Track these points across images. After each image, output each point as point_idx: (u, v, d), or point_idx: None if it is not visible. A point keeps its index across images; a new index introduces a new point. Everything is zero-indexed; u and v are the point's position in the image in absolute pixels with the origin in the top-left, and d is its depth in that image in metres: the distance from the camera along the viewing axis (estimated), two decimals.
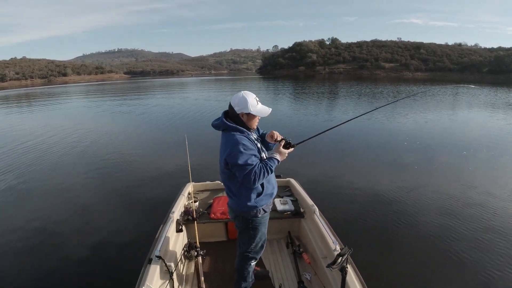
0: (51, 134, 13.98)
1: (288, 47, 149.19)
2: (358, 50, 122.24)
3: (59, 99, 36.99)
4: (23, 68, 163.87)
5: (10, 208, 6.58)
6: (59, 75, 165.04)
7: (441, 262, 4.39)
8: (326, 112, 19.11)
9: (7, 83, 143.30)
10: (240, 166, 2.41)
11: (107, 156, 10.06)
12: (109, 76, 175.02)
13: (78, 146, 11.47)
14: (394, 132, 12.98)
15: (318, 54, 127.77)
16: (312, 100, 26.09)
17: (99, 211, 6.19)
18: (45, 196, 7.07)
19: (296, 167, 7.72)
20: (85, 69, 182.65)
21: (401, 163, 8.85)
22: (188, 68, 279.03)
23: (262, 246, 2.98)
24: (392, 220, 5.60)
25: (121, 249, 4.81)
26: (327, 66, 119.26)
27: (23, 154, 10.53)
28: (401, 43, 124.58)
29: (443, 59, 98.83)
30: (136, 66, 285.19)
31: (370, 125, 14.33)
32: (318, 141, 9.99)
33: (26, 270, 4.43)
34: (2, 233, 5.40)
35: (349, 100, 26.03)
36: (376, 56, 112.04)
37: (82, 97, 38.77)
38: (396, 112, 17.76)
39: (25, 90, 68.24)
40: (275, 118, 16.09)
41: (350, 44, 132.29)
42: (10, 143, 12.45)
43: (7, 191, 7.40)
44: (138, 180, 7.79)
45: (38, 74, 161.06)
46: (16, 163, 9.50)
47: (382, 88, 39.27)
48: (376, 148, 10.41)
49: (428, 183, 7.24)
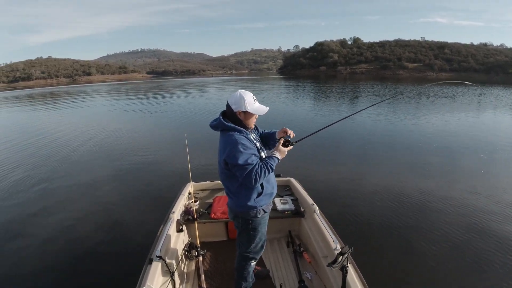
0: (54, 132, 14.66)
1: (309, 47, 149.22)
2: (380, 49, 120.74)
3: (81, 98, 38.24)
4: (48, 67, 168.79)
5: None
6: (84, 75, 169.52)
7: (441, 261, 4.35)
8: (338, 112, 18.82)
9: (33, 82, 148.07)
10: (240, 166, 2.39)
11: (108, 156, 10.19)
12: (132, 75, 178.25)
13: (85, 145, 11.76)
14: (404, 132, 12.83)
15: (339, 54, 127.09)
16: (327, 100, 25.97)
17: (99, 211, 6.18)
18: (44, 195, 7.11)
19: (296, 166, 7.72)
20: (108, 68, 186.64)
21: (404, 162, 8.81)
22: (209, 68, 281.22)
23: (262, 246, 2.96)
24: (392, 219, 5.57)
25: (121, 249, 4.81)
26: (349, 66, 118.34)
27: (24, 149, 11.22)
28: (424, 42, 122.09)
29: (468, 59, 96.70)
30: (159, 66, 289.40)
31: (374, 124, 14.23)
32: (318, 141, 10.16)
33: (26, 270, 4.43)
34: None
35: (364, 100, 25.67)
36: (399, 56, 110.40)
37: (104, 96, 39.67)
38: (409, 112, 17.55)
39: (50, 89, 70.22)
40: (285, 116, 16.45)
41: (373, 44, 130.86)
42: (29, 138, 13.30)
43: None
44: (139, 180, 7.82)
45: (63, 74, 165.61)
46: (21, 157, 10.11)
47: (402, 88, 38.66)
48: (378, 148, 10.37)
49: (431, 184, 7.15)
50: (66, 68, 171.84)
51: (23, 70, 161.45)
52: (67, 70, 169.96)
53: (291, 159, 2.71)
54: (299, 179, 4.83)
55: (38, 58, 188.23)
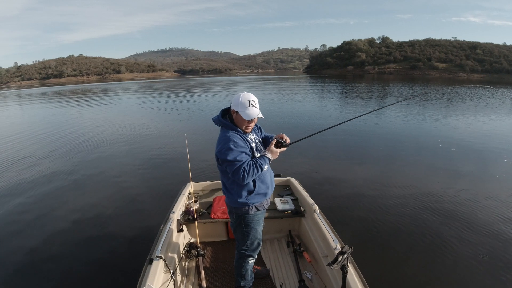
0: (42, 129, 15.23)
1: (337, 46, 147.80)
2: (410, 49, 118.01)
3: (108, 95, 39.28)
4: (80, 65, 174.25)
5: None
6: (114, 73, 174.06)
7: (441, 260, 4.33)
8: (345, 113, 18.22)
9: (64, 79, 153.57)
10: (229, 162, 2.48)
11: (108, 155, 10.26)
12: (160, 74, 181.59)
13: (85, 143, 12.09)
14: (407, 132, 12.65)
15: (367, 53, 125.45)
16: (345, 100, 25.54)
17: (99, 211, 6.13)
18: (46, 192, 7.18)
19: (296, 166, 7.69)
20: (138, 67, 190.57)
21: (405, 162, 8.77)
22: (235, 67, 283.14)
23: (259, 244, 2.99)
24: (392, 218, 5.54)
25: (122, 248, 4.81)
26: (377, 66, 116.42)
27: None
28: (456, 42, 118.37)
29: (500, 60, 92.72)
30: (186, 64, 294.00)
31: (375, 125, 14.06)
32: (318, 141, 10.17)
33: (26, 268, 4.44)
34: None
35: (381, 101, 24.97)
36: (429, 56, 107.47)
37: (129, 95, 40.49)
38: (424, 113, 17.09)
39: (81, 86, 72.31)
40: (295, 115, 16.61)
41: (402, 43, 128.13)
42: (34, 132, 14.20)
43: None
44: (139, 180, 7.83)
45: (94, 71, 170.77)
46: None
47: (427, 89, 37.54)
48: (380, 147, 10.31)
49: (430, 183, 7.11)
50: (96, 66, 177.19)
51: (55, 68, 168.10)
52: (98, 68, 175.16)
53: (290, 158, 2.73)
54: (299, 179, 4.84)
55: (70, 56, 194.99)
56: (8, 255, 4.80)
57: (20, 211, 6.25)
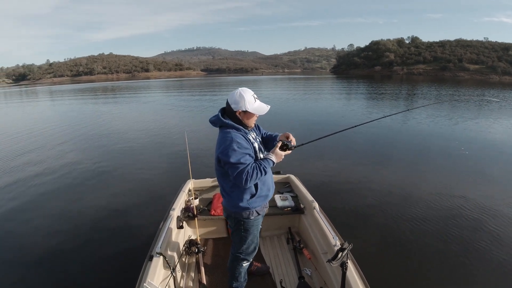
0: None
1: (365, 46, 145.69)
2: (440, 49, 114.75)
3: (134, 93, 40.29)
4: (109, 63, 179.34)
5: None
6: (142, 71, 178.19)
7: (441, 258, 4.33)
8: (362, 115, 17.39)
9: (95, 76, 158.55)
10: (232, 165, 2.36)
11: (108, 153, 10.31)
12: (187, 72, 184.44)
13: (86, 140, 12.32)
14: (405, 133, 12.55)
15: (396, 54, 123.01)
16: (367, 101, 24.95)
17: (98, 209, 6.15)
18: (39, 191, 7.17)
19: (296, 163, 7.66)
20: (165, 65, 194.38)
21: (402, 161, 8.85)
22: (261, 66, 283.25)
23: (255, 248, 2.95)
24: (392, 215, 5.56)
25: (122, 245, 4.82)
26: (405, 67, 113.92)
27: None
28: (488, 43, 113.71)
29: None
30: (213, 63, 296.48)
31: (378, 125, 13.55)
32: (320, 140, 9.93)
33: (25, 267, 4.45)
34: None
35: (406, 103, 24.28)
36: (459, 57, 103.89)
37: (156, 93, 41.40)
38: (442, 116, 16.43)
39: (111, 83, 74.21)
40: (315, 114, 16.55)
41: (432, 43, 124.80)
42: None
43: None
44: (139, 177, 7.87)
45: (123, 69, 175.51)
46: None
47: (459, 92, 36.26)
48: (378, 147, 10.31)
49: (430, 181, 7.19)
50: (126, 64, 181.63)
51: (85, 65, 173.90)
52: (127, 66, 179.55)
53: (290, 156, 2.67)
54: (298, 175, 4.84)
55: (100, 54, 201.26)
56: (5, 252, 4.89)
57: (15, 211, 6.29)
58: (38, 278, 4.21)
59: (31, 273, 4.31)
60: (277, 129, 3.03)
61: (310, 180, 6.45)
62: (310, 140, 2.77)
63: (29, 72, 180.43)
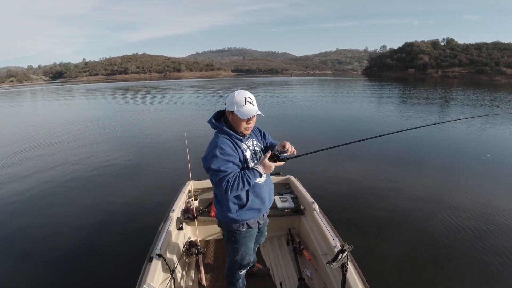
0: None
1: (398, 48, 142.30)
2: (476, 52, 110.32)
3: (166, 92, 41.35)
4: (143, 63, 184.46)
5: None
6: (174, 71, 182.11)
7: (441, 258, 4.36)
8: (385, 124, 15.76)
9: (128, 75, 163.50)
10: (213, 171, 2.25)
11: (108, 154, 10.37)
12: (217, 73, 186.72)
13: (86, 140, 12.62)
14: (402, 135, 11.86)
15: (430, 56, 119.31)
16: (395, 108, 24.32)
17: (98, 210, 6.19)
18: (39, 195, 7.11)
19: (296, 164, 7.51)
20: (197, 66, 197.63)
21: (400, 163, 8.82)
22: (292, 67, 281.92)
23: (249, 260, 2.84)
24: (392, 216, 5.57)
25: (121, 247, 4.84)
26: (440, 69, 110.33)
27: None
28: None
29: None
30: (243, 64, 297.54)
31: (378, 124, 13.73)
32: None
33: (26, 266, 4.50)
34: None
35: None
36: (497, 60, 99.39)
37: (189, 92, 42.51)
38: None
39: (144, 83, 76.06)
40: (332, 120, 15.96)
41: (468, 46, 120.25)
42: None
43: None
44: (139, 178, 7.91)
45: (156, 69, 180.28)
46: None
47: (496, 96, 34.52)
48: (378, 147, 10.21)
49: (430, 183, 7.18)
50: (158, 64, 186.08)
51: (120, 65, 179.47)
52: (159, 66, 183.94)
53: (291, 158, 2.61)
54: (298, 177, 4.83)
55: (134, 54, 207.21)
56: (4, 249, 4.98)
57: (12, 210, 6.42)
58: (38, 278, 4.27)
59: (31, 273, 4.37)
60: (284, 134, 2.99)
61: (310, 181, 6.44)
62: (306, 152, 2.60)
63: (66, 70, 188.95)
